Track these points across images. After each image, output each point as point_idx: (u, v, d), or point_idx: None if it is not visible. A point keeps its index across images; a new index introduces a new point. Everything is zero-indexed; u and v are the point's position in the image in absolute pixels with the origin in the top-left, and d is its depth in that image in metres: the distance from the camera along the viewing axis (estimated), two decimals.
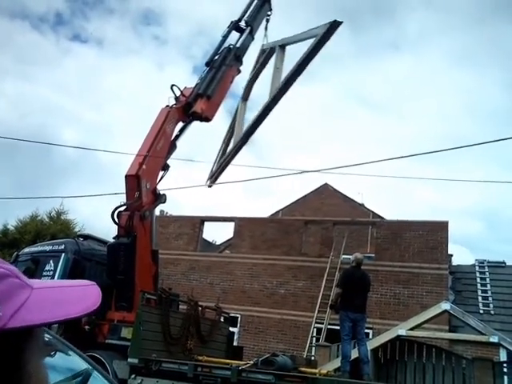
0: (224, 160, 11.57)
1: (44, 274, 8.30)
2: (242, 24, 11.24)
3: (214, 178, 11.53)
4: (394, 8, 44.67)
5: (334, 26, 10.02)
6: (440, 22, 45.08)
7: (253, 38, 11.44)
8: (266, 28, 11.92)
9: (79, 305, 0.61)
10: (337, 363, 8.08)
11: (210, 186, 11.64)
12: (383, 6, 44.59)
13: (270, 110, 10.97)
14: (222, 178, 11.55)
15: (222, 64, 10.44)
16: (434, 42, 46.36)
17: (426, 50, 48.92)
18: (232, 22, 11.12)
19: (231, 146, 11.68)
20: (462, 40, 45.21)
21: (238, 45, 10.85)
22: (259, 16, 11.56)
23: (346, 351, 7.62)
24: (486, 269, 15.23)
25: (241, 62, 11.00)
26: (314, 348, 13.19)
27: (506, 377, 7.56)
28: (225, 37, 10.91)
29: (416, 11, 44.54)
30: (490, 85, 49.60)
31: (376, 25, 48.22)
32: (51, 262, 8.53)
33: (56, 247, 8.89)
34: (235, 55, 10.65)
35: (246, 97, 12.28)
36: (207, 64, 10.55)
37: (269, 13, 11.89)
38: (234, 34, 11.11)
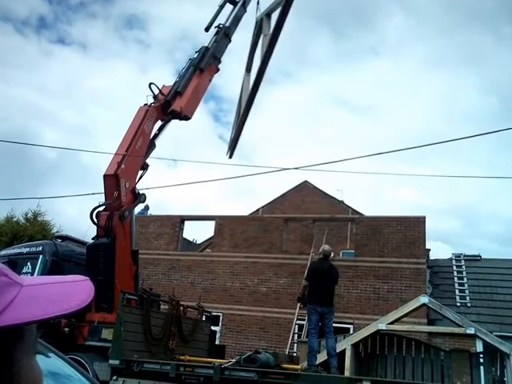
0: (236, 131, 12.30)
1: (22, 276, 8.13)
2: None
3: (231, 149, 12.42)
4: (374, 15, 45.25)
5: None
6: (417, 29, 45.94)
7: (245, 10, 11.85)
8: (257, 2, 12.14)
9: (71, 301, 0.60)
10: (322, 358, 8.08)
11: (230, 157, 12.59)
12: (363, 12, 45.16)
13: (263, 73, 11.29)
14: (212, 175, 11.96)
15: (200, 62, 10.44)
16: (411, 47, 47.21)
17: (403, 55, 49.77)
18: None
19: (239, 117, 12.34)
20: (437, 46, 46.19)
21: (227, 24, 11.23)
22: None
23: (312, 345, 7.47)
24: (463, 262, 15.58)
25: (219, 61, 11.06)
26: (295, 344, 13.31)
27: (482, 367, 7.75)
28: (221, 7, 11.35)
29: (395, 17, 45.22)
30: (464, 88, 50.75)
31: (356, 30, 48.79)
32: (29, 264, 8.39)
33: (34, 249, 8.75)
34: (213, 55, 10.74)
35: (248, 68, 12.52)
36: (206, 30, 10.91)
37: None
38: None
